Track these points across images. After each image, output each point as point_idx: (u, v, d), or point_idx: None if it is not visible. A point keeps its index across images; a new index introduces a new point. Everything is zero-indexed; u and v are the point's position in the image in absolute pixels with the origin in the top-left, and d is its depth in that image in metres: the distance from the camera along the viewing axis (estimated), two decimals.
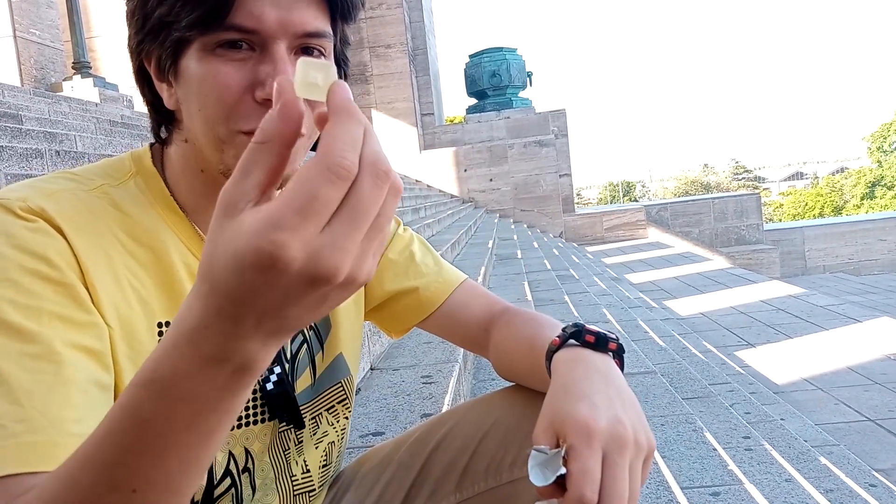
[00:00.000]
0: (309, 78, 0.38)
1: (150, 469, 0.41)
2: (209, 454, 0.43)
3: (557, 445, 0.57)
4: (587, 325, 0.69)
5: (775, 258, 12.44)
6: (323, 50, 0.64)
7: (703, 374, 3.78)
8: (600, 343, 0.67)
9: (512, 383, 0.83)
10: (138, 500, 0.42)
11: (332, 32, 0.64)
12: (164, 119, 0.70)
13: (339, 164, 0.35)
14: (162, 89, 0.67)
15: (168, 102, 0.67)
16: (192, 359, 0.39)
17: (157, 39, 0.63)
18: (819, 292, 8.22)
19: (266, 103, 0.60)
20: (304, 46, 0.62)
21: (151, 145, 0.73)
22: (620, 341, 0.69)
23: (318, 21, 0.62)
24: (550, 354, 0.68)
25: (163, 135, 0.71)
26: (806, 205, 40.24)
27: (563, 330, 0.70)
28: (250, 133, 0.62)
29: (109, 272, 0.61)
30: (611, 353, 0.67)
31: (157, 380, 0.40)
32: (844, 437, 3.63)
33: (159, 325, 0.65)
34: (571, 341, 0.68)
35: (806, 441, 3.00)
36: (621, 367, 0.68)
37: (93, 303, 0.59)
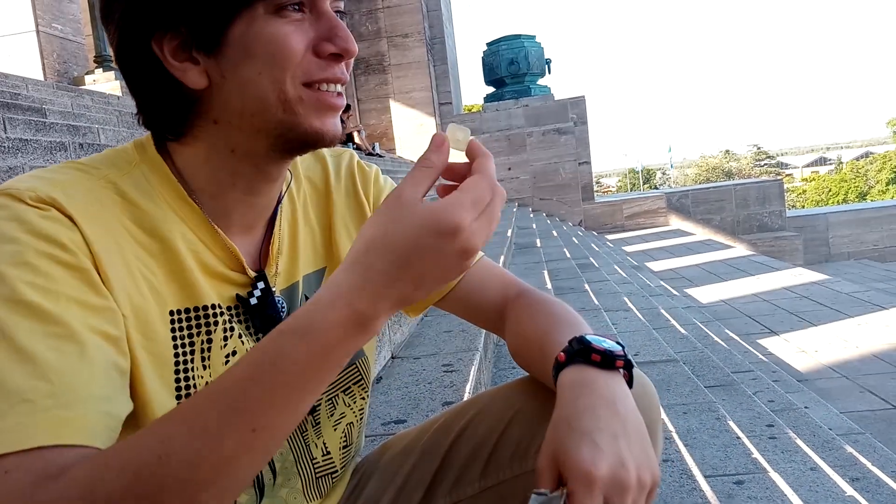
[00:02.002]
0: (457, 136, 0.59)
1: (277, 410, 0.49)
2: (310, 404, 0.53)
3: (559, 484, 0.57)
4: (593, 339, 0.67)
5: (798, 245, 12.26)
6: (342, 8, 0.69)
7: (725, 363, 3.75)
8: (607, 361, 0.65)
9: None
10: (254, 440, 0.49)
11: None
12: (180, 108, 0.66)
13: (495, 183, 0.55)
14: (185, 69, 0.63)
15: (196, 82, 0.63)
16: (346, 314, 0.50)
17: (189, 12, 0.61)
18: (843, 279, 8.10)
19: (331, 58, 0.65)
20: (336, 10, 0.67)
21: (153, 133, 0.70)
22: (628, 355, 0.67)
23: None
24: (556, 370, 0.67)
25: (177, 130, 0.67)
26: (829, 191, 39.59)
27: (570, 343, 0.67)
28: (317, 82, 0.64)
29: (121, 261, 0.61)
30: (618, 370, 0.65)
31: (313, 330, 0.50)
32: (870, 426, 3.59)
33: (171, 313, 0.66)
34: (577, 359, 0.66)
35: (831, 429, 2.97)
36: (629, 381, 0.66)
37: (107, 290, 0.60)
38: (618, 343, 0.68)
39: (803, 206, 34.64)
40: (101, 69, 6.57)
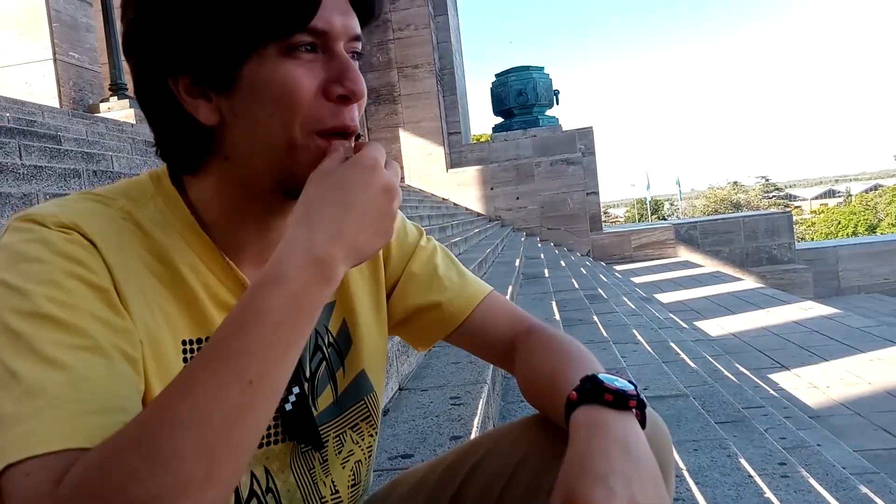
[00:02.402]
0: None
1: (268, 361, 0.52)
2: (296, 355, 0.55)
3: None
4: (605, 378, 0.66)
5: (808, 278, 12.19)
6: (360, 51, 0.69)
7: (736, 398, 3.70)
8: (620, 401, 0.64)
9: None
10: (254, 394, 0.51)
11: None
12: (194, 143, 0.66)
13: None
14: (197, 106, 0.64)
15: (208, 118, 0.64)
16: (305, 260, 0.55)
17: (202, 51, 0.62)
18: (854, 313, 8.03)
19: (339, 100, 0.65)
20: (350, 51, 0.67)
21: (168, 164, 0.71)
22: (641, 394, 0.66)
23: (358, 26, 0.68)
24: (568, 409, 0.66)
25: (190, 164, 0.68)
26: (839, 223, 39.43)
27: (582, 382, 0.67)
28: (324, 132, 0.64)
29: (137, 288, 0.62)
30: (631, 410, 0.65)
31: (282, 278, 0.54)
32: (885, 465, 3.52)
33: (183, 342, 0.66)
34: (590, 399, 0.65)
35: (844, 468, 2.91)
36: (642, 421, 0.65)
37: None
38: (630, 382, 0.67)
39: (812, 239, 34.50)
40: (115, 97, 6.67)
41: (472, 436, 1.62)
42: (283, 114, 0.63)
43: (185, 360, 0.66)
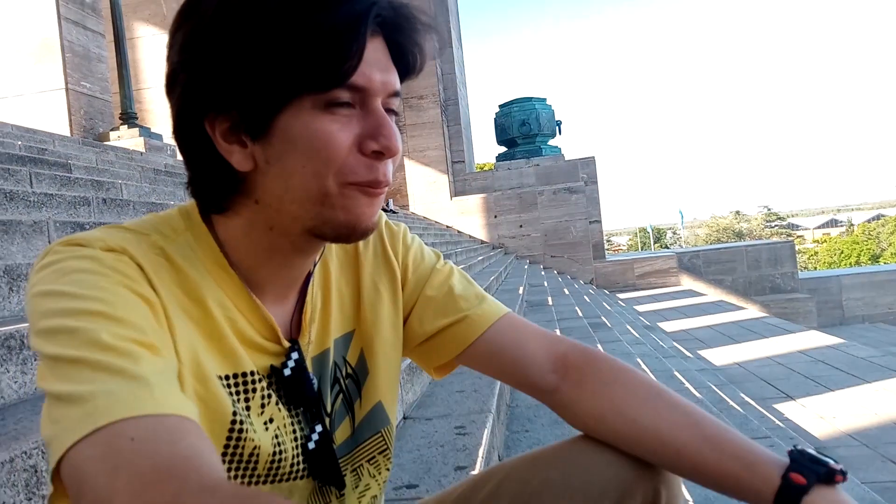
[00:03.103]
0: None
1: None
2: None
3: None
4: (820, 457, 0.68)
5: (812, 307, 12.15)
6: (396, 107, 0.69)
7: (741, 428, 3.67)
8: (842, 478, 0.66)
9: (553, 442, 0.81)
10: None
11: None
12: (226, 185, 0.67)
13: None
14: (232, 151, 0.64)
15: (241, 164, 0.64)
16: None
17: (240, 98, 0.62)
18: (859, 343, 7.98)
19: (374, 155, 0.64)
20: (387, 106, 0.67)
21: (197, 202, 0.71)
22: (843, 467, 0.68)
23: (398, 82, 0.68)
24: (795, 492, 0.67)
25: (221, 204, 0.68)
26: (841, 252, 39.36)
27: (797, 461, 0.68)
28: (358, 184, 0.64)
29: (177, 315, 0.63)
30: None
31: None
32: (894, 498, 3.48)
33: (219, 377, 0.66)
34: (821, 481, 0.66)
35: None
36: None
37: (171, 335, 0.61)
38: (822, 454, 0.69)
39: (815, 268, 34.41)
40: (125, 126, 6.75)
41: (478, 466, 1.62)
42: (317, 166, 0.63)
43: (228, 393, 0.66)
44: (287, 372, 0.72)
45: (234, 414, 0.65)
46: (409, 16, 0.67)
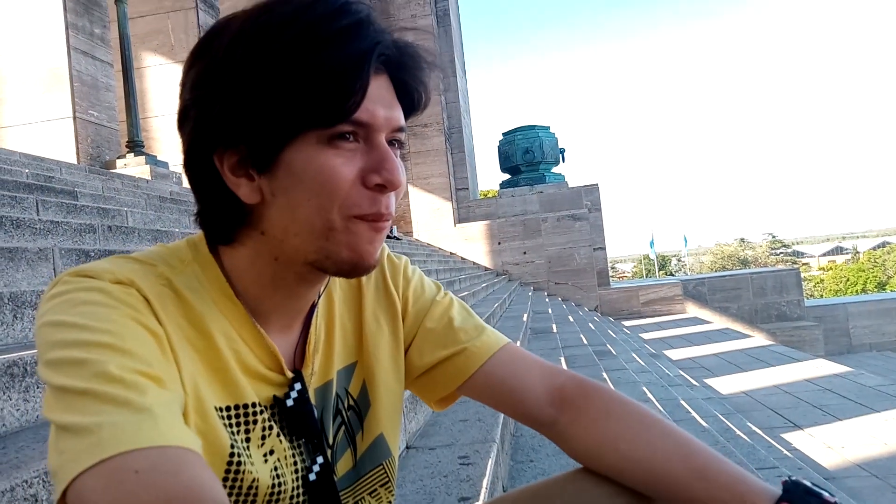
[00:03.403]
0: None
1: None
2: None
3: None
4: (814, 488, 0.69)
5: (818, 335, 12.06)
6: (402, 141, 0.70)
7: (749, 458, 3.63)
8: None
9: (555, 474, 0.81)
10: None
11: None
12: (233, 216, 0.68)
13: None
14: (239, 184, 0.66)
15: (248, 196, 0.66)
16: None
17: (248, 133, 0.64)
18: (867, 371, 7.90)
19: (377, 188, 0.66)
20: (392, 140, 0.68)
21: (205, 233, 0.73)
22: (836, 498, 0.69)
23: (402, 118, 0.70)
24: None
25: (228, 235, 0.70)
26: (847, 280, 39.20)
27: (790, 493, 0.69)
28: (362, 217, 0.66)
29: (182, 348, 0.64)
30: None
31: None
32: None
33: (217, 409, 0.66)
34: None
35: None
36: None
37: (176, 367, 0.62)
38: (815, 485, 0.70)
39: (821, 296, 34.25)
40: (132, 153, 6.82)
41: (482, 497, 1.59)
42: (321, 199, 0.64)
43: (224, 425, 0.66)
44: (289, 402, 0.72)
45: (233, 447, 0.66)
46: (413, 55, 0.69)
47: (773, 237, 52.54)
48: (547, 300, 9.79)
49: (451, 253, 12.09)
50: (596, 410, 0.80)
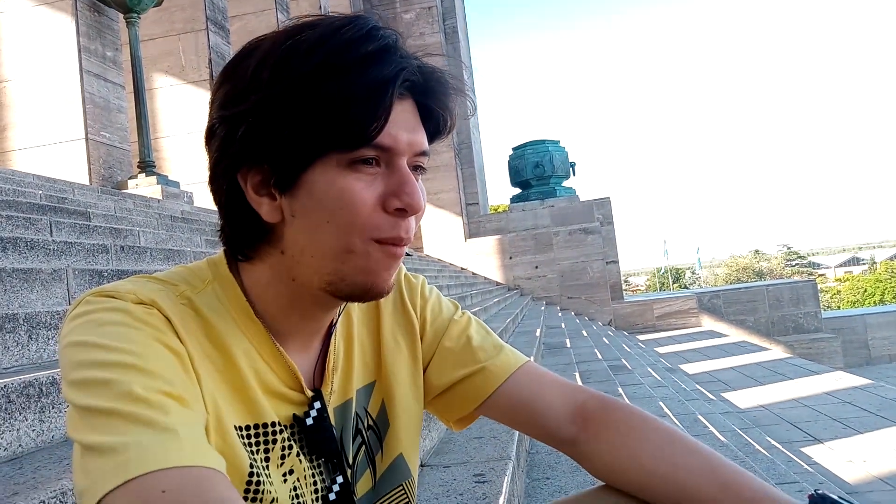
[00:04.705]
0: None
1: None
2: None
3: None
4: (841, 499, 0.67)
5: (837, 347, 11.91)
6: (424, 165, 0.70)
7: (769, 472, 3.56)
8: None
9: (575, 492, 0.79)
10: None
11: None
12: (254, 234, 0.69)
13: None
14: (261, 203, 0.66)
15: (269, 215, 0.66)
16: None
17: (271, 154, 0.64)
18: (887, 383, 7.78)
19: (397, 213, 0.66)
20: (415, 165, 0.69)
21: (226, 251, 0.73)
22: None
23: (426, 142, 0.70)
24: None
25: (249, 252, 0.70)
26: (865, 291, 38.76)
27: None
28: (381, 241, 0.66)
29: (203, 368, 0.64)
30: None
31: None
32: None
33: (237, 427, 0.66)
34: None
35: None
36: None
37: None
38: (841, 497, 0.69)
39: (839, 307, 33.88)
40: (143, 174, 6.87)
41: None
42: (340, 222, 0.64)
43: (243, 443, 0.66)
44: (309, 421, 0.72)
45: (251, 466, 0.66)
46: (439, 80, 0.70)
47: (789, 248, 52.14)
48: (560, 315, 9.74)
49: (461, 268, 12.08)
50: (618, 427, 0.79)
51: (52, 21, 6.72)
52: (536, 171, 13.36)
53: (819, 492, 0.67)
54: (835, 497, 0.67)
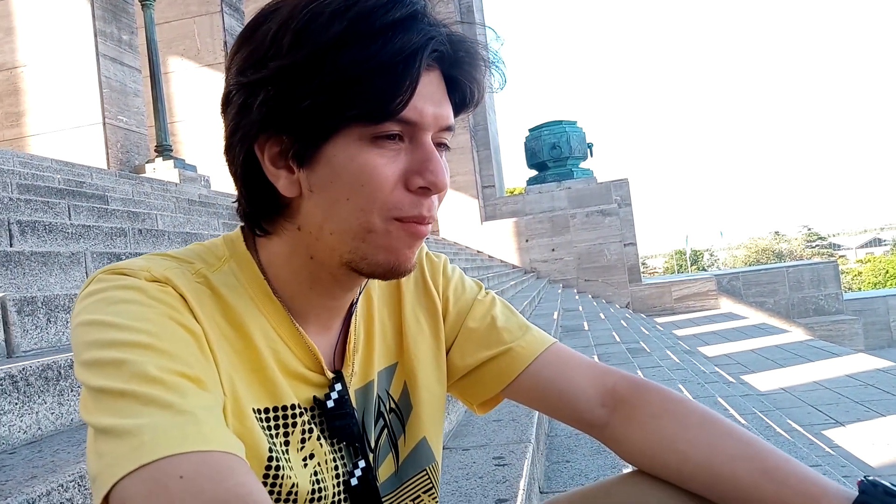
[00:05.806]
0: None
1: None
2: None
3: None
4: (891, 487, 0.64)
5: (858, 329, 11.77)
6: (448, 140, 0.67)
7: (791, 456, 3.53)
8: None
9: (610, 477, 0.77)
10: None
11: None
12: (271, 208, 0.66)
13: None
14: (279, 176, 0.63)
15: (287, 189, 0.64)
16: None
17: (290, 124, 0.61)
18: None
19: (420, 191, 0.63)
20: (439, 142, 0.65)
21: (242, 228, 0.71)
22: None
23: (451, 117, 0.66)
24: None
25: (265, 227, 0.68)
26: (887, 272, 38.25)
27: (869, 495, 0.63)
28: (402, 220, 0.63)
29: (220, 347, 0.62)
30: None
31: None
32: None
33: (254, 410, 0.64)
34: None
35: None
36: None
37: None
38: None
39: (860, 289, 33.46)
40: (161, 158, 6.91)
41: (519, 499, 1.55)
42: (360, 200, 0.61)
43: (261, 427, 0.64)
44: (330, 403, 0.70)
45: (271, 451, 0.64)
46: (468, 50, 0.65)
47: (809, 230, 51.54)
48: (577, 297, 9.70)
49: (477, 251, 12.05)
50: (651, 410, 0.76)
51: (67, 5, 6.72)
52: (553, 152, 13.24)
53: (869, 478, 0.64)
54: (887, 484, 0.63)
